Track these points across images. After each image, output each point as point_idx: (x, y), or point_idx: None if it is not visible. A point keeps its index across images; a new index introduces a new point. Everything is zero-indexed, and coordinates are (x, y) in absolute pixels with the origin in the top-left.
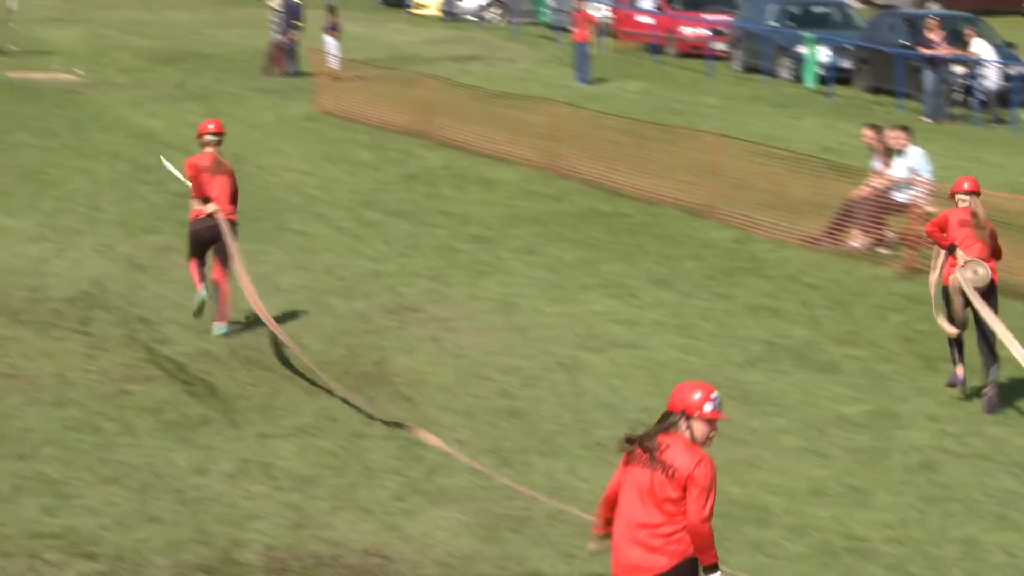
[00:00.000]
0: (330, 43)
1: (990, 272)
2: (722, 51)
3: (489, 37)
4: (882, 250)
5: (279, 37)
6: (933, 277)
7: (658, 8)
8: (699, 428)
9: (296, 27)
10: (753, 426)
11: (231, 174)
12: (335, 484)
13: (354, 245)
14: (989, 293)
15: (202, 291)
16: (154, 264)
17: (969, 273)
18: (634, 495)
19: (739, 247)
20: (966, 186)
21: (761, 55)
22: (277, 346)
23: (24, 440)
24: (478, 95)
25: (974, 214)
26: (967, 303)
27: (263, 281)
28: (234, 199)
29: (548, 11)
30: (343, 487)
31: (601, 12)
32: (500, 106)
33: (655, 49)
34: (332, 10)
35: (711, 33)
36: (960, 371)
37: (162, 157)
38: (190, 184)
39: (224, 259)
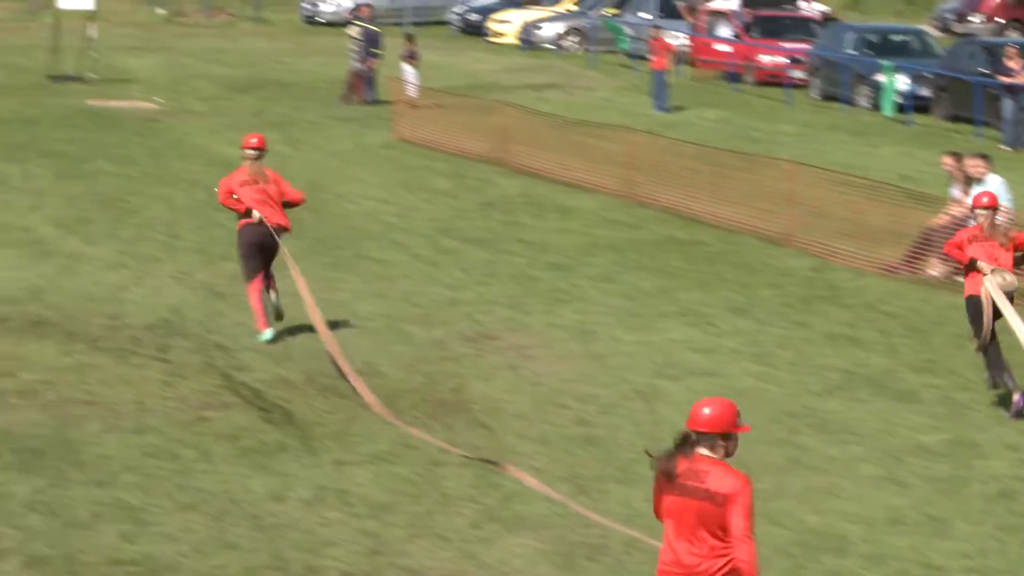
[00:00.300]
0: (408, 71)
1: (1016, 279)
2: (800, 79)
3: (567, 65)
4: (961, 279)
5: (358, 65)
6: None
7: (736, 36)
8: (731, 444)
9: (375, 55)
10: (831, 454)
11: (274, 182)
12: (412, 511)
13: (432, 273)
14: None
15: (266, 332)
16: (232, 291)
17: (999, 279)
18: (682, 524)
19: (817, 275)
20: (985, 200)
21: (839, 83)
22: (342, 376)
23: (103, 467)
24: (556, 123)
25: (986, 226)
26: (996, 312)
27: (341, 309)
28: (283, 205)
29: (626, 39)
30: (420, 514)
31: (679, 40)
32: (578, 134)
33: (733, 77)
34: (410, 38)
35: (789, 61)
36: (1018, 396)
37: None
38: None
39: (268, 272)
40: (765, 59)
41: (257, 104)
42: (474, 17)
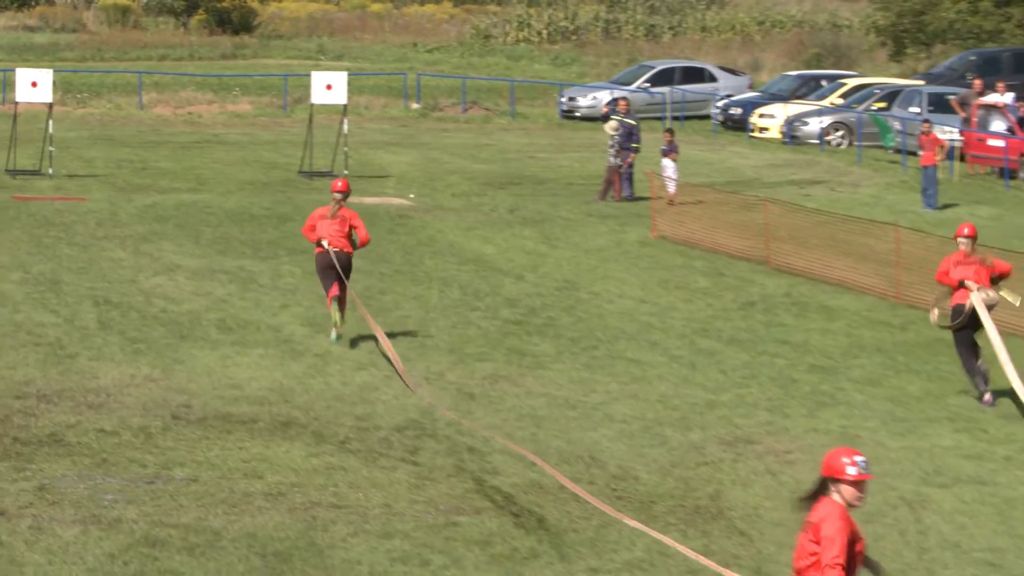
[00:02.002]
0: (668, 166)
1: (997, 294)
2: None
3: (832, 161)
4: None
5: (616, 161)
6: (935, 313)
7: (1010, 131)
8: (847, 491)
9: (633, 150)
10: None
11: (345, 219)
12: None
13: (689, 374)
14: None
15: (332, 334)
16: (484, 392)
17: (983, 295)
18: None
19: None
20: (966, 231)
21: None
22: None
23: (350, 572)
24: (820, 220)
25: (969, 253)
26: (978, 323)
27: (595, 411)
28: (355, 239)
29: (893, 135)
30: None
31: (950, 135)
32: (843, 231)
33: (1007, 173)
34: (670, 132)
35: None
36: (988, 396)
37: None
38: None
39: (343, 282)
40: None
41: (512, 200)
42: (736, 111)
